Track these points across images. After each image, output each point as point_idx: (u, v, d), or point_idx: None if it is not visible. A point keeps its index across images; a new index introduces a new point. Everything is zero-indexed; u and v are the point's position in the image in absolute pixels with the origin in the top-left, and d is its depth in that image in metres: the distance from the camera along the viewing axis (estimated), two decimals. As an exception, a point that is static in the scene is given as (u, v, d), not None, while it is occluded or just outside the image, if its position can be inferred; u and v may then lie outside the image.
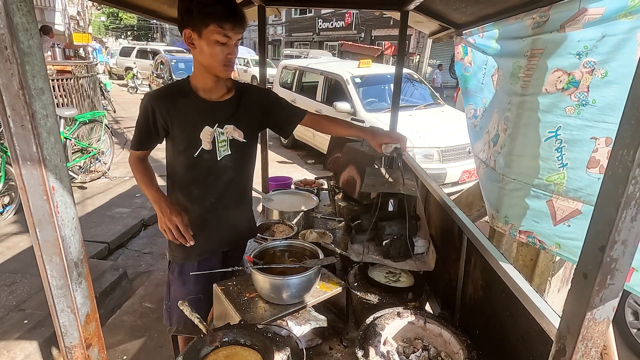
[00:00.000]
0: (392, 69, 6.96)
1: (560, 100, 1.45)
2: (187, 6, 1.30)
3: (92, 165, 5.40)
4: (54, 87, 5.59)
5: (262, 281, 1.35)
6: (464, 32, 2.30)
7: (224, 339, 1.13)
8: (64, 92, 5.82)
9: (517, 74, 1.65)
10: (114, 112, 10.08)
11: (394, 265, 1.57)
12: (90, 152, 5.27)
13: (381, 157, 1.87)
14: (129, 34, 44.65)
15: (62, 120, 4.95)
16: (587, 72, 1.37)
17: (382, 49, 17.74)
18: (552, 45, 1.46)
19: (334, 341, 1.44)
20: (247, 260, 1.47)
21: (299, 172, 6.22)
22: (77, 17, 19.81)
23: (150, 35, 43.61)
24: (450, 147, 4.96)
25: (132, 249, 3.92)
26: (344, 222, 2.19)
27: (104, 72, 17.86)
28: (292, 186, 2.86)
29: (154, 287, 3.21)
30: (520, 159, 1.64)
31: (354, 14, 21.95)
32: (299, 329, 1.34)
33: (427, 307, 1.66)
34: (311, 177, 3.10)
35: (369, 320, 1.28)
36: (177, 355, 1.29)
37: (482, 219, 2.94)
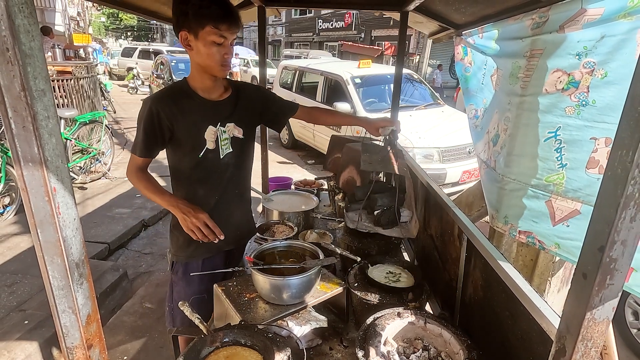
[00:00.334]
0: (392, 69, 6.97)
1: (560, 100, 1.45)
2: (182, 9, 1.30)
3: (92, 165, 5.40)
4: (54, 87, 5.59)
5: (262, 281, 1.35)
6: (463, 32, 2.31)
7: (224, 340, 1.14)
8: (64, 92, 5.82)
9: (517, 74, 1.66)
10: (114, 112, 10.08)
11: (384, 232, 1.77)
12: (90, 153, 5.27)
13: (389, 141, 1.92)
14: (129, 34, 44.68)
15: (63, 121, 4.96)
16: (586, 73, 1.37)
17: (382, 49, 17.74)
18: (551, 45, 1.46)
19: (334, 341, 1.44)
20: (247, 260, 1.47)
21: (299, 173, 6.22)
22: (77, 18, 19.83)
23: (150, 35, 43.64)
24: (450, 148, 4.97)
25: (133, 249, 3.92)
26: (343, 222, 2.19)
27: (104, 72, 17.85)
28: (292, 186, 2.86)
29: (155, 287, 3.21)
30: (519, 159, 1.65)
31: (353, 14, 21.96)
32: (300, 329, 1.35)
33: (427, 308, 1.66)
34: (311, 177, 3.10)
35: (369, 320, 1.28)
36: (178, 355, 1.29)
37: (482, 219, 2.94)
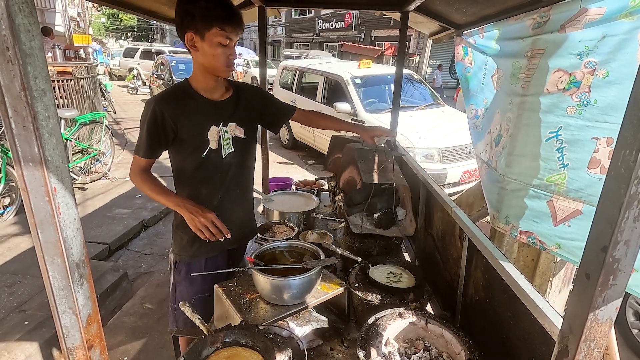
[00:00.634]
0: (392, 69, 6.97)
1: (561, 100, 1.45)
2: (188, 10, 1.32)
3: (92, 166, 5.40)
4: (54, 88, 5.59)
5: (263, 282, 1.35)
6: (464, 32, 2.30)
7: (225, 340, 1.13)
8: (65, 93, 5.82)
9: (518, 74, 1.65)
10: (114, 113, 10.08)
11: (385, 233, 1.88)
12: (90, 153, 5.27)
13: (384, 151, 1.97)
14: (129, 35, 44.70)
15: (63, 121, 4.96)
16: (588, 73, 1.37)
17: (382, 49, 17.74)
18: (552, 45, 1.46)
19: (335, 342, 1.44)
20: (248, 261, 1.47)
21: (299, 173, 6.22)
22: (78, 19, 19.84)
23: (150, 36, 43.66)
24: (450, 148, 4.96)
25: (133, 249, 3.92)
26: (344, 222, 2.19)
27: (104, 73, 17.84)
28: (293, 187, 2.86)
29: (155, 288, 3.21)
30: (520, 159, 1.64)
31: (353, 14, 21.96)
32: (300, 329, 1.34)
33: (428, 308, 1.66)
34: (311, 177, 3.10)
35: (370, 320, 1.28)
36: (178, 356, 1.29)
37: (483, 219, 2.94)
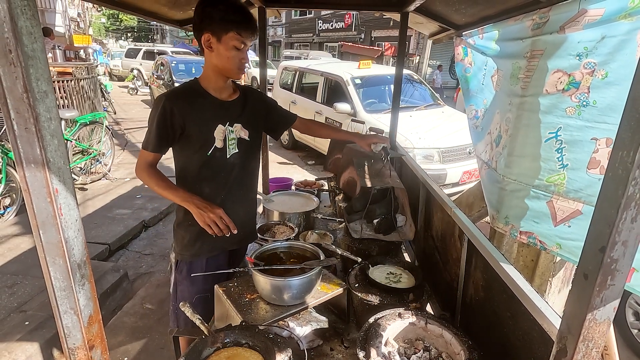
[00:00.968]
0: (392, 69, 6.97)
1: (560, 101, 1.45)
2: (208, 12, 1.38)
3: (92, 166, 5.40)
4: (54, 88, 5.59)
5: (263, 282, 1.35)
6: (463, 33, 2.31)
7: (225, 340, 1.14)
8: (65, 93, 5.83)
9: (517, 74, 1.66)
10: (115, 113, 10.09)
11: (384, 238, 1.92)
12: (90, 154, 5.27)
13: (381, 158, 1.99)
14: (129, 35, 44.72)
15: (63, 121, 4.96)
16: (587, 73, 1.37)
17: (382, 49, 17.74)
18: (552, 46, 1.46)
19: (335, 342, 1.44)
20: (248, 261, 1.47)
21: (299, 173, 6.23)
22: (78, 19, 19.86)
23: (150, 36, 43.67)
24: (450, 148, 4.96)
25: (133, 250, 3.92)
26: (344, 223, 2.20)
27: (104, 73, 17.83)
28: (293, 187, 2.86)
29: (155, 288, 3.21)
30: (520, 159, 1.65)
31: (353, 15, 21.96)
32: (300, 330, 1.35)
33: (428, 308, 1.66)
34: (312, 178, 3.10)
35: (370, 321, 1.28)
36: (179, 356, 1.30)
37: (482, 219, 2.94)
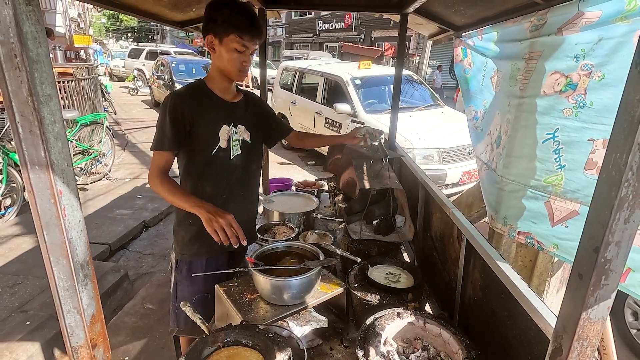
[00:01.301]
0: (392, 70, 6.98)
1: (558, 102, 1.47)
2: (213, 15, 1.41)
3: (93, 167, 5.41)
4: (55, 89, 5.60)
5: (263, 282, 1.36)
6: (463, 34, 2.32)
7: (225, 340, 1.15)
8: (65, 94, 5.84)
9: (516, 76, 1.67)
10: (115, 113, 10.10)
11: (384, 239, 1.94)
12: (91, 154, 5.29)
13: (380, 158, 2.00)
14: (130, 35, 44.74)
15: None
16: (584, 75, 1.38)
17: (382, 50, 17.75)
18: (549, 48, 1.47)
19: (334, 341, 1.45)
20: (248, 261, 1.48)
21: (299, 174, 6.24)
22: (78, 19, 19.88)
23: (150, 37, 43.69)
24: (450, 148, 4.98)
25: (134, 250, 3.94)
26: (344, 223, 2.21)
27: (105, 73, 17.84)
28: (293, 187, 2.87)
29: (155, 288, 3.22)
30: (518, 160, 1.66)
31: (354, 15, 21.96)
32: (300, 329, 1.35)
33: (427, 308, 1.67)
34: (311, 178, 3.11)
35: (369, 320, 1.29)
36: (179, 356, 1.31)
37: (482, 220, 2.95)
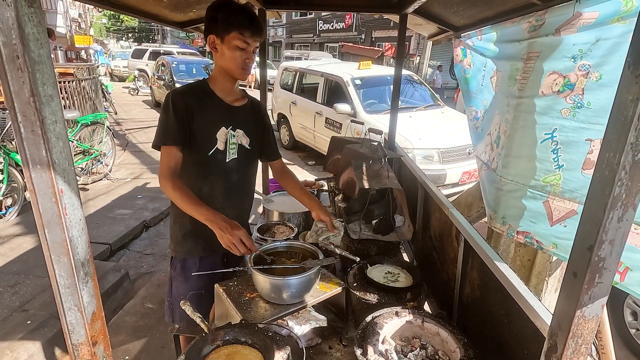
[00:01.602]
0: (392, 70, 6.99)
1: (556, 102, 1.47)
2: (213, 15, 1.43)
3: (94, 167, 5.43)
4: (56, 89, 5.61)
5: (262, 281, 1.37)
6: (462, 34, 2.33)
7: (225, 338, 1.15)
8: (66, 94, 5.85)
9: (515, 76, 1.68)
10: (116, 114, 10.12)
11: (383, 238, 1.95)
12: (92, 154, 5.30)
13: (380, 158, 2.00)
14: (130, 36, 44.79)
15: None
16: (582, 75, 1.39)
17: (382, 50, 17.77)
18: (548, 48, 1.48)
19: (333, 340, 1.46)
20: (247, 260, 1.49)
21: (299, 174, 6.25)
22: (79, 20, 19.91)
23: (151, 37, 43.73)
24: (450, 149, 4.98)
25: (134, 250, 3.95)
26: (343, 223, 2.22)
27: (105, 74, 17.86)
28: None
29: (156, 287, 3.23)
30: (517, 160, 1.67)
31: (354, 15, 21.98)
32: (299, 328, 1.36)
33: (426, 307, 1.68)
34: (311, 178, 3.12)
35: (367, 319, 1.30)
36: (179, 354, 1.32)
37: (481, 219, 2.96)
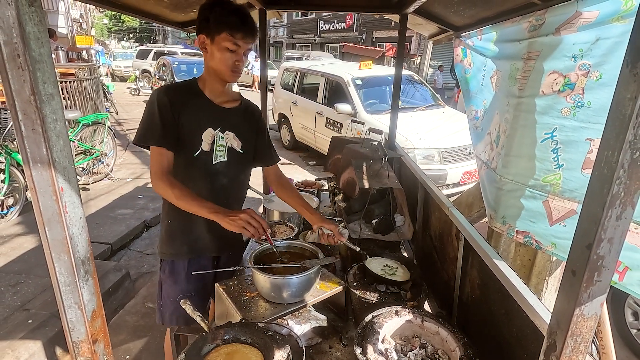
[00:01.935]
0: (392, 70, 6.98)
1: (556, 102, 1.47)
2: (205, 14, 1.39)
3: (95, 167, 5.44)
4: (57, 89, 5.63)
5: (262, 280, 1.37)
6: (462, 34, 2.33)
7: (225, 337, 1.16)
8: (68, 94, 5.87)
9: (515, 76, 1.68)
10: (117, 114, 10.14)
11: (383, 238, 1.97)
12: (93, 154, 5.31)
13: (380, 158, 2.01)
14: (131, 36, 44.86)
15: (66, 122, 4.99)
16: (582, 75, 1.39)
17: (383, 50, 17.76)
18: (548, 48, 1.48)
19: (333, 340, 1.46)
20: (247, 260, 1.49)
21: (300, 174, 6.25)
22: (80, 20, 19.94)
23: (152, 37, 43.78)
24: (451, 149, 4.98)
25: (135, 249, 3.95)
26: (344, 222, 2.22)
27: (107, 74, 17.89)
28: (296, 184, 2.88)
29: (156, 287, 3.23)
30: (517, 159, 1.67)
31: (355, 16, 21.99)
32: (299, 327, 1.37)
33: (426, 307, 1.68)
34: (312, 178, 3.12)
35: (367, 318, 1.30)
36: (179, 353, 1.32)
37: (482, 219, 2.95)
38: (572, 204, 1.48)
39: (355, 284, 1.54)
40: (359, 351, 1.14)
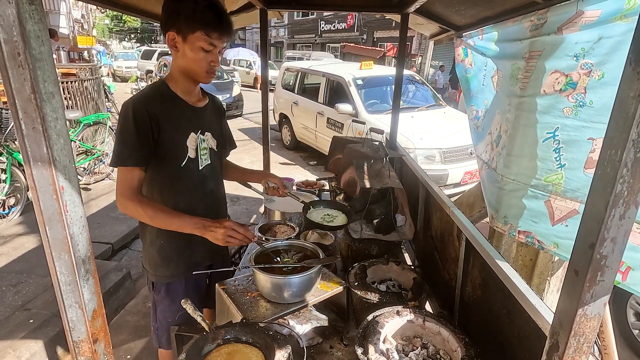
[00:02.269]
0: (393, 70, 6.98)
1: (558, 101, 1.47)
2: (174, 8, 1.25)
3: (96, 166, 5.44)
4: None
5: (263, 280, 1.37)
6: (463, 34, 2.32)
7: (226, 337, 1.15)
8: (69, 94, 5.88)
9: (516, 75, 1.67)
10: (118, 114, 10.15)
11: (384, 238, 1.96)
12: (94, 154, 5.32)
13: (381, 158, 2.01)
14: (133, 36, 44.92)
15: (67, 122, 5.00)
16: (584, 74, 1.38)
17: (384, 50, 17.74)
18: (549, 47, 1.48)
19: (334, 340, 1.46)
20: (248, 260, 1.49)
21: (300, 174, 6.25)
22: (82, 20, 19.96)
23: (153, 37, 43.84)
24: (452, 149, 4.97)
25: (136, 249, 3.96)
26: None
27: (108, 74, 17.90)
28: (294, 187, 2.88)
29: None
30: (518, 159, 1.66)
31: (356, 15, 21.99)
32: (300, 327, 1.36)
33: (427, 307, 1.68)
34: (313, 178, 3.12)
35: (368, 318, 1.30)
36: (179, 353, 1.32)
37: (483, 219, 2.95)
38: (575, 204, 1.47)
39: (356, 284, 1.53)
40: (360, 351, 1.14)
